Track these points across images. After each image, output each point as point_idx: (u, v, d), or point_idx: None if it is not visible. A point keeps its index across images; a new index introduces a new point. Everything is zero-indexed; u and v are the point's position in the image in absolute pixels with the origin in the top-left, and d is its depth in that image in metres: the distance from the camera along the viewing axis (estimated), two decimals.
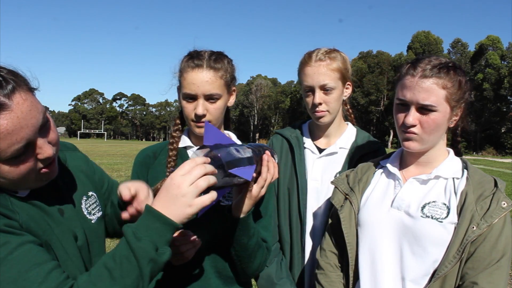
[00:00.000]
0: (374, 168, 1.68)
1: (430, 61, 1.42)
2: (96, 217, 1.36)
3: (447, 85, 1.38)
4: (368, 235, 1.53)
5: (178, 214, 1.02)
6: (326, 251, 1.68)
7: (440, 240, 1.37)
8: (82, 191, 1.34)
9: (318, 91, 1.87)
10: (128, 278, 0.98)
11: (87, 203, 1.34)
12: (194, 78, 1.51)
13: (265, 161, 1.35)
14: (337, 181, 1.72)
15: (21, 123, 0.95)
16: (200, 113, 1.53)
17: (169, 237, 1.04)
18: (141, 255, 0.99)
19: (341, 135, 2.02)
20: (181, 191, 1.02)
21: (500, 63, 55.74)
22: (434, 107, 1.38)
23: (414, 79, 1.40)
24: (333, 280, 1.64)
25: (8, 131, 0.93)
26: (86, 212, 1.32)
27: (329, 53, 1.89)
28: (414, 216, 1.43)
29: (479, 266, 1.33)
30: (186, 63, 1.56)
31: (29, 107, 0.98)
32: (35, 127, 0.99)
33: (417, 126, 1.42)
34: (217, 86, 1.53)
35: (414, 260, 1.42)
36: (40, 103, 1.04)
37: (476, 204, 1.37)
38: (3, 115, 0.93)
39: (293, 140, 2.03)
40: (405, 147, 1.48)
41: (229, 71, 1.58)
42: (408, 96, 1.41)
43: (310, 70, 1.87)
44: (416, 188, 1.50)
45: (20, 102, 0.96)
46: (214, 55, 1.56)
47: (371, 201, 1.57)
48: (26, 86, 1.00)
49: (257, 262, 1.55)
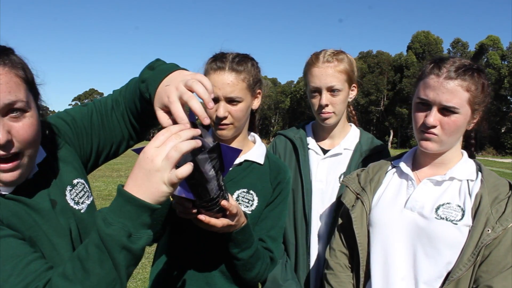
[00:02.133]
0: (386, 168, 1.67)
1: (454, 62, 1.40)
2: (86, 204, 1.26)
3: (471, 88, 1.37)
4: (381, 236, 1.51)
5: (153, 192, 0.90)
6: (335, 251, 1.67)
7: (454, 242, 1.36)
8: (65, 181, 1.23)
9: (325, 92, 1.87)
10: (100, 269, 0.89)
11: (72, 193, 1.23)
12: (216, 80, 1.50)
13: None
14: (348, 180, 1.70)
15: None
16: (221, 115, 1.51)
17: (144, 220, 0.92)
18: (111, 243, 0.89)
19: (345, 136, 2.02)
20: (154, 165, 0.90)
21: (500, 63, 55.90)
22: (456, 109, 1.37)
23: (439, 79, 1.38)
24: (343, 280, 1.63)
25: None
26: (73, 202, 1.22)
27: (337, 54, 1.89)
28: (428, 218, 1.42)
29: (494, 269, 1.31)
30: (209, 65, 1.55)
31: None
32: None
33: (438, 127, 1.40)
34: (238, 89, 1.51)
35: (427, 262, 1.40)
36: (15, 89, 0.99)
37: (491, 207, 1.35)
38: None
39: (297, 141, 2.02)
40: (422, 147, 1.46)
41: (252, 74, 1.56)
42: (431, 96, 1.39)
43: (318, 71, 1.87)
44: (430, 189, 1.49)
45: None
46: (238, 58, 1.54)
47: (383, 202, 1.55)
48: (8, 66, 0.99)
49: (253, 272, 1.51)
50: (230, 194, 1.30)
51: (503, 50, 57.48)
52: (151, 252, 1.67)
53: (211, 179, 1.05)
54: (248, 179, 1.59)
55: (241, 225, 1.37)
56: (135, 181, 0.92)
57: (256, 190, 1.58)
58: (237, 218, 1.31)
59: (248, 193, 1.58)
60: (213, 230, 1.29)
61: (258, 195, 1.58)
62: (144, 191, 0.90)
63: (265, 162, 1.67)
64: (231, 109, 1.52)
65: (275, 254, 1.60)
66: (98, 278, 0.89)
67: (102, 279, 0.90)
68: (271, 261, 1.59)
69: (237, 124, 1.55)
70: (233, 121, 1.54)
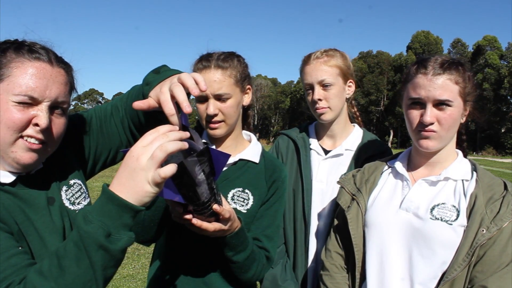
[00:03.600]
0: (381, 169, 1.67)
1: (437, 59, 1.44)
2: (82, 205, 1.28)
3: (459, 80, 1.41)
4: (376, 236, 1.51)
5: (137, 191, 0.90)
6: (331, 252, 1.67)
7: (449, 242, 1.36)
8: (62, 181, 1.26)
9: (317, 87, 1.89)
10: (76, 267, 0.88)
11: (68, 193, 1.26)
12: None
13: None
14: (343, 181, 1.71)
15: (44, 83, 1.08)
16: (211, 112, 1.52)
17: (126, 221, 0.91)
18: (88, 241, 0.87)
19: (347, 136, 2.02)
20: (139, 164, 0.89)
21: (499, 63, 55.76)
22: (451, 102, 1.40)
23: (428, 76, 1.41)
24: (338, 281, 1.63)
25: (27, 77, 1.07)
26: (68, 203, 1.24)
27: (327, 51, 1.93)
28: (423, 218, 1.42)
29: (489, 269, 1.32)
30: (196, 65, 1.57)
31: (56, 78, 1.11)
32: (47, 92, 1.08)
33: (435, 124, 1.42)
34: (226, 85, 1.53)
35: (422, 262, 1.41)
36: (67, 92, 1.15)
37: (486, 207, 1.36)
38: (37, 65, 1.09)
39: (299, 141, 2.03)
40: (422, 147, 1.46)
41: (239, 70, 1.58)
42: (424, 94, 1.41)
43: (309, 68, 1.92)
44: (425, 190, 1.49)
45: (42, 66, 1.09)
46: (223, 55, 1.57)
47: (379, 202, 1.56)
48: (67, 72, 1.17)
49: (250, 274, 1.52)
50: (224, 196, 1.31)
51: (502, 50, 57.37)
52: (151, 252, 1.69)
53: (201, 183, 1.04)
54: (243, 178, 1.59)
55: (234, 229, 1.37)
56: (119, 180, 0.91)
57: (251, 189, 1.59)
58: (230, 222, 1.31)
59: (244, 192, 1.58)
60: (206, 234, 1.29)
61: (254, 194, 1.59)
62: (128, 190, 0.90)
63: (260, 161, 1.67)
64: (221, 106, 1.53)
65: (271, 253, 1.61)
66: (73, 277, 0.88)
67: (77, 278, 0.88)
68: (268, 261, 1.59)
69: (228, 121, 1.56)
70: (224, 118, 1.55)
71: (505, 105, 57.83)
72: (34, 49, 1.12)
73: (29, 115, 1.07)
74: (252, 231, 1.58)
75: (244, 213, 1.55)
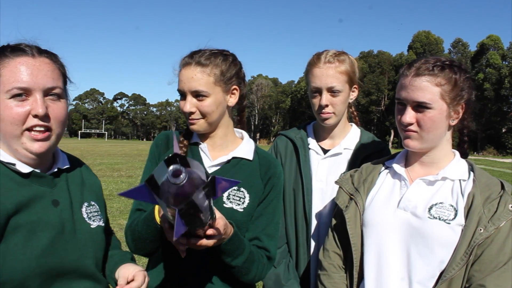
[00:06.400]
0: (379, 169, 1.67)
1: (426, 60, 1.44)
2: (97, 224, 1.40)
3: (441, 83, 1.40)
4: (374, 236, 1.52)
5: None
6: (329, 251, 1.68)
7: (447, 241, 1.37)
8: (84, 198, 1.40)
9: (325, 93, 1.87)
10: None
11: (88, 209, 1.39)
12: (182, 74, 1.53)
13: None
14: (341, 181, 1.71)
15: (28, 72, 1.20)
16: (186, 110, 1.53)
17: None
18: None
19: (345, 136, 2.02)
20: None
21: (501, 63, 55.69)
22: (429, 104, 1.40)
23: (408, 78, 1.43)
24: (336, 281, 1.63)
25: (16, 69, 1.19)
26: (87, 217, 1.37)
27: (338, 55, 1.89)
28: (421, 217, 1.42)
29: (486, 268, 1.32)
30: (180, 61, 1.56)
31: (35, 67, 1.21)
32: (34, 82, 1.19)
33: (415, 124, 1.43)
34: (203, 83, 1.50)
35: (421, 262, 1.41)
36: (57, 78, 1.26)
37: (484, 206, 1.36)
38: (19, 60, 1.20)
39: (298, 141, 2.03)
40: (405, 146, 1.50)
41: (222, 69, 1.53)
42: (403, 95, 1.44)
43: (319, 72, 1.87)
44: (423, 189, 1.49)
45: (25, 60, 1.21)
46: (208, 52, 1.54)
47: (377, 202, 1.56)
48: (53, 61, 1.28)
49: (251, 275, 1.52)
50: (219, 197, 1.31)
51: (504, 50, 57.29)
52: None
53: (205, 209, 1.03)
54: (238, 176, 1.56)
55: (228, 235, 1.36)
56: None
57: (247, 187, 1.57)
58: (224, 231, 1.31)
59: (239, 191, 1.55)
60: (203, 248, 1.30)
61: (249, 191, 1.56)
62: None
63: (254, 158, 1.65)
64: (198, 104, 1.52)
65: (272, 252, 1.59)
66: None
67: None
68: (269, 260, 1.58)
69: (209, 119, 1.54)
70: (201, 116, 1.54)
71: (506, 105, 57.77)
72: (17, 47, 1.23)
73: (26, 109, 1.18)
74: (251, 230, 1.57)
75: (241, 212, 1.54)
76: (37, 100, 1.19)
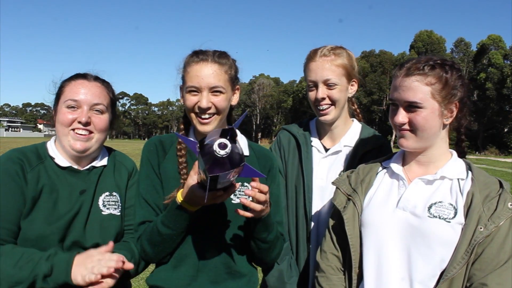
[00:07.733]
0: (376, 169, 1.67)
1: (418, 60, 1.44)
2: (109, 212, 1.65)
3: (432, 82, 1.40)
4: (373, 236, 1.51)
5: None
6: (327, 253, 1.66)
7: (447, 240, 1.36)
8: (108, 188, 1.68)
9: (321, 86, 1.88)
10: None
11: (106, 198, 1.67)
12: (198, 70, 1.54)
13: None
14: (338, 181, 1.71)
15: (82, 91, 1.63)
16: (204, 105, 1.53)
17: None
18: None
19: (346, 133, 2.02)
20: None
21: (503, 62, 55.44)
22: (419, 103, 1.40)
23: (399, 79, 1.44)
24: (335, 283, 1.61)
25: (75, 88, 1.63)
26: (102, 205, 1.65)
27: (334, 49, 1.90)
28: (420, 217, 1.42)
29: (487, 267, 1.32)
30: (190, 58, 1.58)
31: (87, 88, 1.64)
32: (84, 98, 1.61)
33: (407, 125, 1.44)
34: (222, 80, 1.55)
35: (421, 261, 1.40)
36: (106, 97, 1.68)
37: (483, 205, 1.36)
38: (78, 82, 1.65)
39: (301, 138, 2.03)
40: (400, 145, 1.50)
41: (233, 68, 1.61)
42: (395, 96, 1.45)
43: (315, 65, 1.89)
44: (421, 189, 1.49)
45: (81, 81, 1.65)
46: (218, 52, 1.60)
47: (375, 202, 1.56)
48: (105, 86, 1.71)
49: (276, 252, 1.66)
50: None
51: (506, 49, 57.07)
52: None
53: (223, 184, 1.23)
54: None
55: (269, 210, 1.47)
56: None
57: (250, 182, 1.60)
58: (267, 204, 1.43)
59: (243, 186, 1.61)
60: (247, 215, 1.41)
61: None
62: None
63: (250, 152, 1.69)
64: (214, 99, 1.55)
65: (284, 235, 1.75)
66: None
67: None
68: (284, 241, 1.74)
69: (221, 115, 1.58)
70: (216, 112, 1.56)
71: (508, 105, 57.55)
72: (80, 74, 1.68)
73: (74, 116, 1.59)
74: None
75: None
76: (83, 111, 1.60)
